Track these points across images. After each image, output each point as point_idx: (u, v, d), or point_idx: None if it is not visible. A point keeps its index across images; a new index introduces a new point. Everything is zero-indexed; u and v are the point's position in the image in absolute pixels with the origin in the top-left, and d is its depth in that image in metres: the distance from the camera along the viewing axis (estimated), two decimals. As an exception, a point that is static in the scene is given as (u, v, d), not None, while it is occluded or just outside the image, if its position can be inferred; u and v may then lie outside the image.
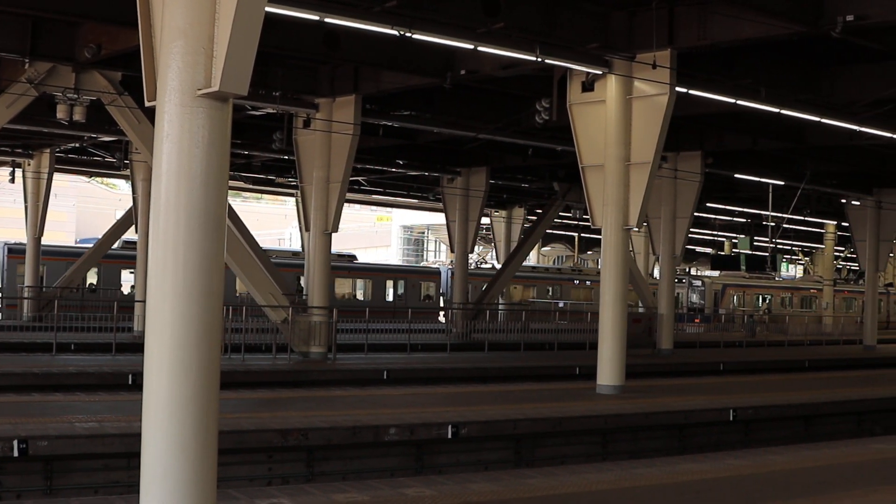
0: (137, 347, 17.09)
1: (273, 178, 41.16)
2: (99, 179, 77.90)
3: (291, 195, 44.94)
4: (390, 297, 51.60)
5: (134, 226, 35.72)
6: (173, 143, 7.79)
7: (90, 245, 41.96)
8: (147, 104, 8.07)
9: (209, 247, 7.87)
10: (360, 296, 51.72)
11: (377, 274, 53.40)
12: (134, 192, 35.01)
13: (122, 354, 24.43)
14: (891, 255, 55.02)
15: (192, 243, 7.80)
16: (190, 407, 7.78)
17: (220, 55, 7.69)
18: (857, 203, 41.27)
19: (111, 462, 13.12)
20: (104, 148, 35.63)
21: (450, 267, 52.32)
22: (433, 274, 55.61)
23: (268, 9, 15.45)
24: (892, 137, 26.52)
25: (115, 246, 40.72)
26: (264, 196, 78.56)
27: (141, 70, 8.13)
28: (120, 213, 40.25)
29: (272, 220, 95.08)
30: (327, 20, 17.34)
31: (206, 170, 7.81)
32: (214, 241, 7.90)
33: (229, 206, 28.30)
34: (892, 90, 22.61)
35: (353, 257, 54.15)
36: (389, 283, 52.40)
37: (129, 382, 20.20)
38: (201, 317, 7.83)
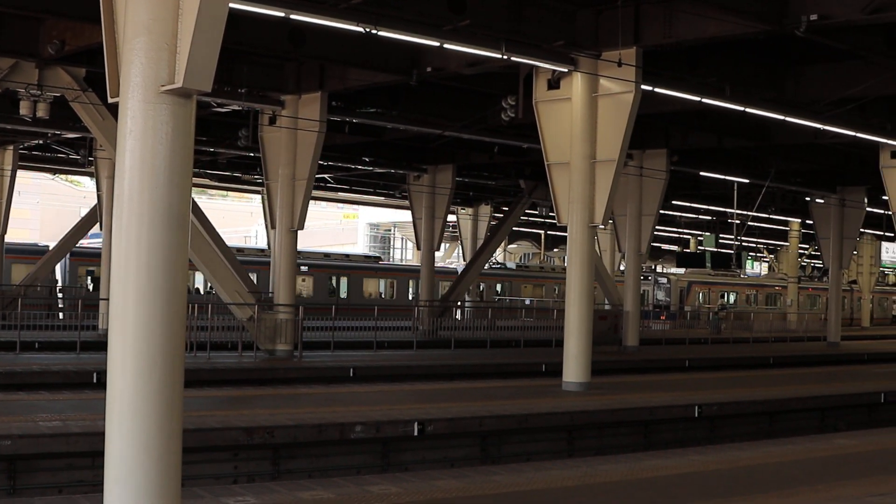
0: (102, 346, 17.03)
1: (239, 175, 40.99)
2: (63, 177, 77.36)
3: (257, 192, 44.79)
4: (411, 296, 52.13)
5: (99, 223, 35.51)
6: (137, 139, 7.75)
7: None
8: (110, 100, 8.02)
9: (173, 243, 7.82)
10: (384, 295, 52.72)
11: (400, 274, 54.81)
12: (98, 189, 34.80)
13: (87, 353, 24.27)
14: (854, 252, 55.43)
15: (155, 240, 7.76)
16: (154, 404, 7.74)
17: (184, 51, 7.65)
18: (821, 201, 41.53)
19: (75, 461, 13.02)
20: (68, 145, 35.39)
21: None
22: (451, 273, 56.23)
23: (233, 5, 15.44)
24: (855, 136, 26.71)
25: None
26: (230, 193, 78.18)
27: (105, 66, 8.07)
28: (84, 211, 39.96)
29: (238, 218, 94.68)
30: (293, 17, 17.29)
31: (170, 166, 7.77)
32: (178, 237, 7.86)
33: (194, 203, 28.22)
34: (856, 89, 22.78)
35: (378, 258, 54.76)
36: (412, 283, 52.83)
37: (94, 381, 20.08)
38: (165, 314, 7.79)
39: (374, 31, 17.55)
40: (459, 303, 42.24)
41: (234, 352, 25.45)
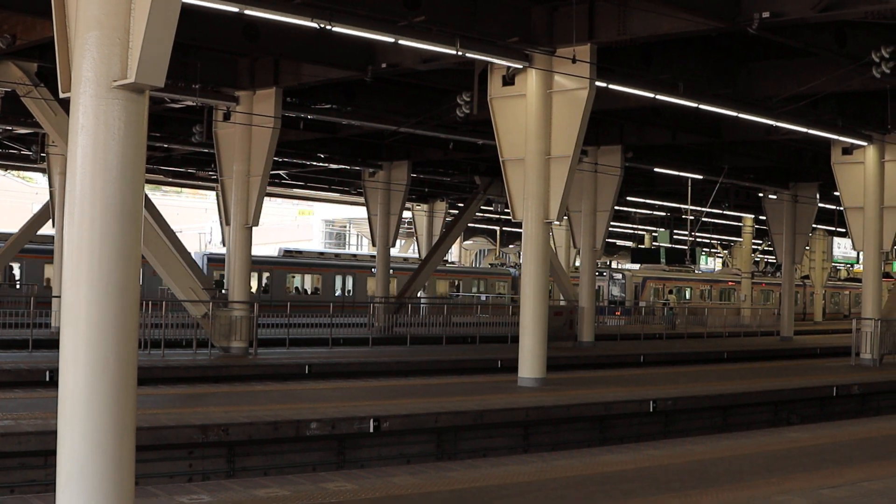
0: (55, 343, 16.88)
1: (193, 171, 40.77)
2: (15, 173, 76.59)
3: (212, 189, 44.51)
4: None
5: (51, 220, 35.17)
6: (88, 135, 7.67)
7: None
8: (62, 95, 7.95)
9: (125, 240, 7.76)
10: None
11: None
12: (51, 185, 34.44)
13: (40, 351, 24.08)
14: (807, 248, 55.88)
15: (107, 237, 7.69)
16: (106, 403, 7.67)
17: (136, 46, 7.59)
18: (774, 197, 41.85)
19: (28, 461, 12.91)
20: (20, 140, 35.01)
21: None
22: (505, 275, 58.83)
23: (188, 0, 15.33)
24: (807, 132, 26.94)
25: None
26: (184, 190, 77.73)
27: (56, 61, 8.00)
28: (37, 207, 39.55)
29: (193, 214, 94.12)
30: (247, 12, 17.19)
31: (122, 162, 7.70)
32: (131, 234, 7.80)
33: (148, 199, 28.03)
34: (807, 86, 22.98)
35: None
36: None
37: (47, 379, 19.89)
38: (117, 311, 7.72)
39: (328, 27, 17.48)
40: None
41: (189, 349, 25.31)
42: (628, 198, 46.04)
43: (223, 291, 27.25)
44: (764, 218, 44.15)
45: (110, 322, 7.70)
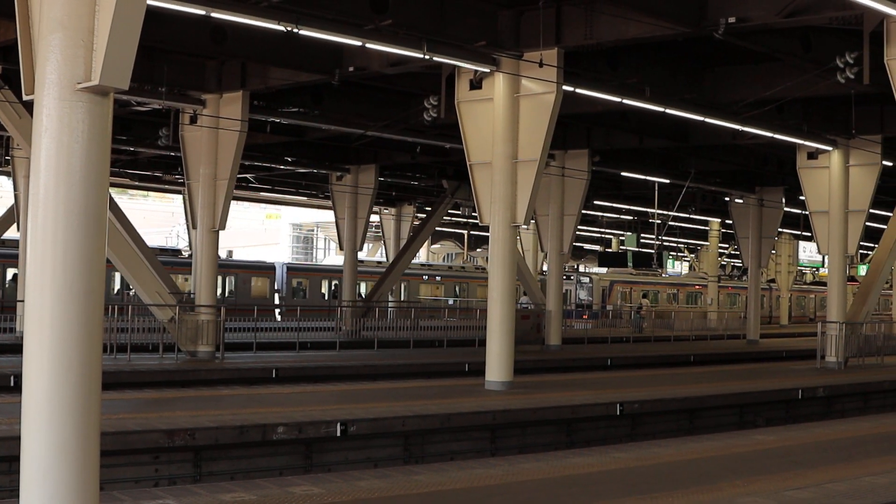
0: (20, 348, 16.77)
1: (160, 174, 40.56)
2: (-21, 176, 76.01)
3: (179, 192, 44.35)
4: None
5: (16, 223, 34.91)
6: (52, 138, 7.62)
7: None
8: (26, 98, 7.89)
9: (89, 244, 7.71)
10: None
11: None
12: (15, 188, 34.17)
13: (4, 356, 23.89)
14: (773, 251, 56.18)
15: (71, 240, 7.64)
16: (70, 407, 7.61)
17: (101, 48, 7.54)
18: (741, 201, 42.04)
19: (-9, 465, 12.82)
20: (-16, 144, 34.76)
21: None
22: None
23: (152, 2, 15.30)
24: (772, 137, 27.10)
25: None
26: (151, 193, 77.37)
27: (20, 63, 7.94)
28: (2, 211, 39.28)
29: (159, 218, 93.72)
30: (214, 15, 17.16)
31: (87, 165, 7.65)
32: (95, 238, 7.75)
33: (114, 203, 27.88)
34: (773, 91, 23.12)
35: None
36: None
37: (11, 384, 19.74)
38: (81, 315, 7.67)
39: (295, 30, 17.46)
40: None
41: (156, 354, 25.18)
42: (595, 202, 46.16)
43: (192, 295, 27.11)
44: (730, 222, 44.36)
45: (74, 326, 7.65)
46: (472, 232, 62.99)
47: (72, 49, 7.59)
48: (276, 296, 49.44)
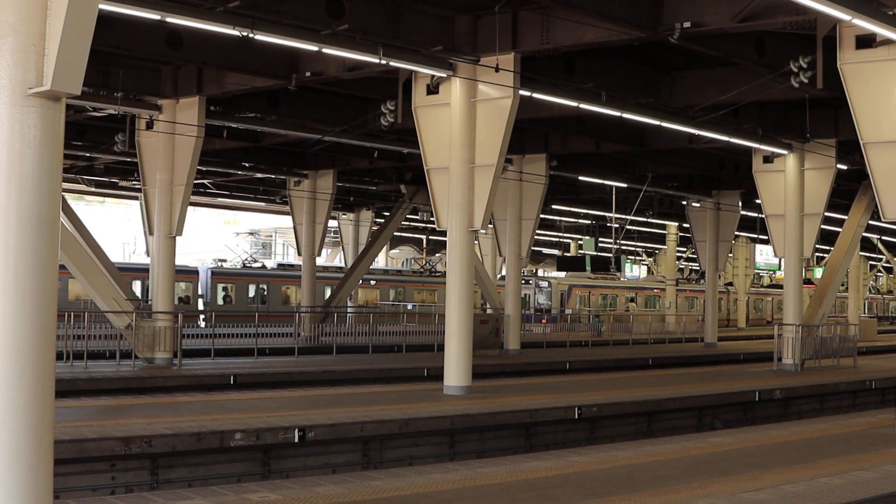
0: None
1: (116, 180, 40.32)
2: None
3: (136, 198, 44.08)
4: None
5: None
6: (3, 143, 7.56)
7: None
8: (-24, 103, 7.83)
9: (42, 250, 7.66)
10: None
11: None
12: (-31, 195, 33.88)
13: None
14: (730, 255, 56.53)
15: (23, 247, 7.58)
16: (23, 415, 7.55)
17: (52, 53, 7.50)
18: (698, 205, 42.28)
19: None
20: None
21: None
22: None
23: (107, 7, 15.20)
24: (728, 141, 27.30)
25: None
26: (108, 199, 76.84)
27: (-30, 68, 7.87)
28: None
29: (117, 224, 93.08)
30: (169, 20, 17.06)
31: (39, 171, 7.60)
32: (47, 244, 7.69)
33: (70, 208, 27.65)
34: (728, 95, 23.27)
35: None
36: None
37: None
38: (34, 322, 7.61)
39: (251, 35, 17.41)
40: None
41: (112, 360, 25.00)
42: (553, 206, 46.32)
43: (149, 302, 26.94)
44: (687, 225, 44.61)
45: (26, 333, 7.58)
46: (430, 237, 62.99)
47: (23, 54, 7.54)
48: (200, 301, 47.82)
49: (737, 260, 68.68)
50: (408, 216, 44.82)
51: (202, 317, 43.01)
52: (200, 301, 47.89)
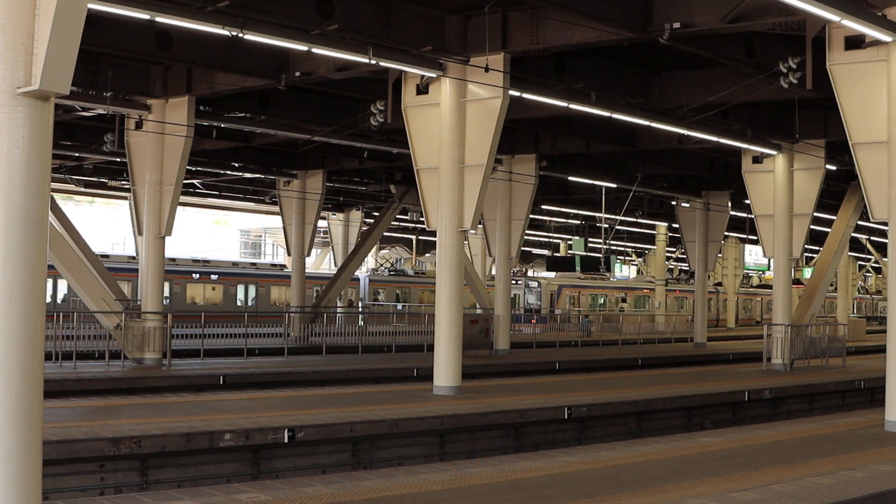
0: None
1: (106, 180, 40.23)
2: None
3: (125, 198, 43.96)
4: None
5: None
6: (-8, 143, 7.55)
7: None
8: (-36, 102, 7.81)
9: (30, 250, 7.63)
10: None
11: None
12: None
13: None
14: (719, 255, 56.62)
15: (11, 247, 7.56)
16: (11, 416, 7.53)
17: (41, 53, 7.48)
18: (687, 205, 42.31)
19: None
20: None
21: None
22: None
23: (97, 6, 15.17)
24: (718, 141, 27.32)
25: None
26: (97, 199, 76.70)
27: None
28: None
29: (106, 224, 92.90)
30: (158, 19, 17.00)
31: (27, 171, 7.58)
32: (36, 244, 7.67)
33: (59, 208, 27.59)
34: (718, 95, 23.31)
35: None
36: None
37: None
38: (22, 322, 7.59)
39: (241, 35, 17.37)
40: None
41: (102, 361, 24.95)
42: (543, 206, 46.35)
43: (138, 301, 26.87)
44: (677, 226, 44.63)
45: (14, 333, 7.56)
46: (420, 237, 62.98)
47: (11, 53, 7.52)
48: (360, 303, 51.78)
49: (726, 260, 68.80)
50: (397, 216, 44.84)
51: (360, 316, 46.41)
52: (360, 303, 55.56)
